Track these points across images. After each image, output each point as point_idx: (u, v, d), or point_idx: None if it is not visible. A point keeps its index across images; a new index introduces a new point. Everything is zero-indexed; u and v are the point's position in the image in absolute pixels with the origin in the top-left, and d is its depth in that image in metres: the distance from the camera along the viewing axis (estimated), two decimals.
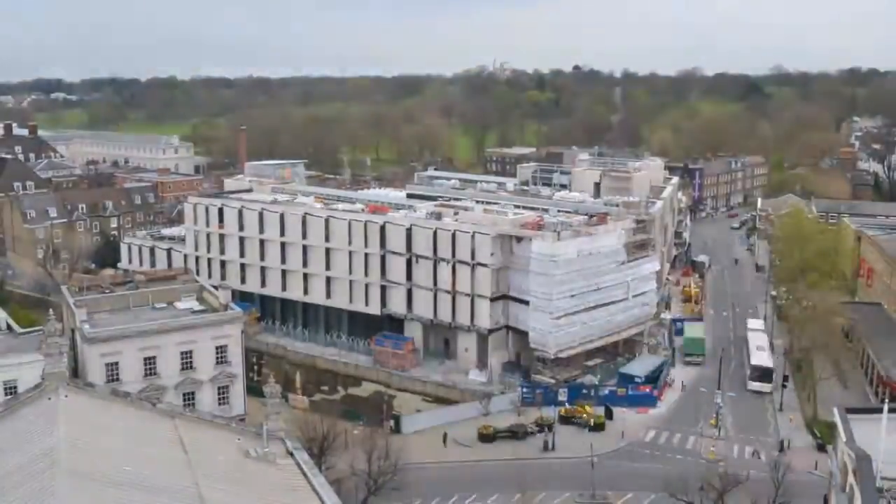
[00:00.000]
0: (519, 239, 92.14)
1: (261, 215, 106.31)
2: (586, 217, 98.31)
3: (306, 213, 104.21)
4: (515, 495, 66.40)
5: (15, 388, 57.70)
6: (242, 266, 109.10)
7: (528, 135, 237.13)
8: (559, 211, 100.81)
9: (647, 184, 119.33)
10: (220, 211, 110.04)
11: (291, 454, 48.93)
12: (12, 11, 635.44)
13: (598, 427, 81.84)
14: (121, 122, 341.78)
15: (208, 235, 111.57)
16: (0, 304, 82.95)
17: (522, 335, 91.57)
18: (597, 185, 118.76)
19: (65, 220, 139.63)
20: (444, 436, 79.14)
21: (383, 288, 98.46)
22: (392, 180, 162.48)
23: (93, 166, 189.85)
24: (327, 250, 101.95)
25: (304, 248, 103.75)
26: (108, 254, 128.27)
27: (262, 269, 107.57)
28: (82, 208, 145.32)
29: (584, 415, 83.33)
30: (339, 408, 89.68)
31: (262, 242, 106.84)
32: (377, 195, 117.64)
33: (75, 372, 64.25)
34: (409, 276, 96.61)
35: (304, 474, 46.87)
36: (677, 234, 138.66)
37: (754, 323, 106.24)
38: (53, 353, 47.42)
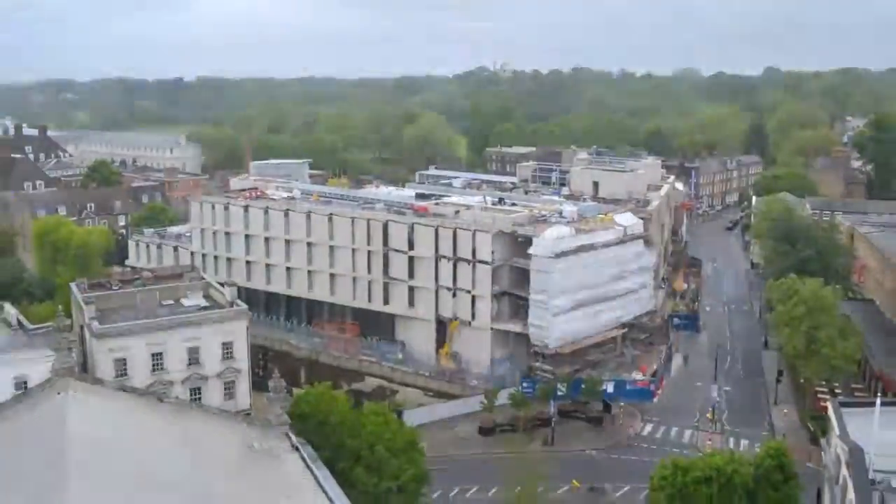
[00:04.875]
0: (519, 236, 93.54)
1: (266, 213, 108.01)
2: (585, 215, 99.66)
3: (310, 211, 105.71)
4: (516, 488, 67.77)
5: (25, 383, 58.85)
6: (248, 263, 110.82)
7: (528, 134, 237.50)
8: (558, 209, 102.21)
9: (644, 182, 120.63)
10: (226, 209, 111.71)
11: (297, 448, 49.99)
12: (22, 11, 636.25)
13: (597, 421, 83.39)
14: (129, 123, 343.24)
15: (214, 233, 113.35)
16: (11, 301, 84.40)
17: (523, 331, 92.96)
18: (595, 184, 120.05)
19: (74, 218, 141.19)
20: None
21: (386, 285, 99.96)
22: (394, 180, 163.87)
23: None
24: (331, 248, 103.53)
25: (308, 245, 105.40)
26: (116, 251, 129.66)
27: (267, 267, 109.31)
28: (91, 207, 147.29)
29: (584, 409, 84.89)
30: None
31: (266, 240, 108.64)
32: (377, 195, 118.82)
33: (84, 368, 65.71)
34: (411, 274, 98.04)
35: (309, 468, 48.02)
36: (674, 232, 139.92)
37: None
38: (63, 349, 48.73)
